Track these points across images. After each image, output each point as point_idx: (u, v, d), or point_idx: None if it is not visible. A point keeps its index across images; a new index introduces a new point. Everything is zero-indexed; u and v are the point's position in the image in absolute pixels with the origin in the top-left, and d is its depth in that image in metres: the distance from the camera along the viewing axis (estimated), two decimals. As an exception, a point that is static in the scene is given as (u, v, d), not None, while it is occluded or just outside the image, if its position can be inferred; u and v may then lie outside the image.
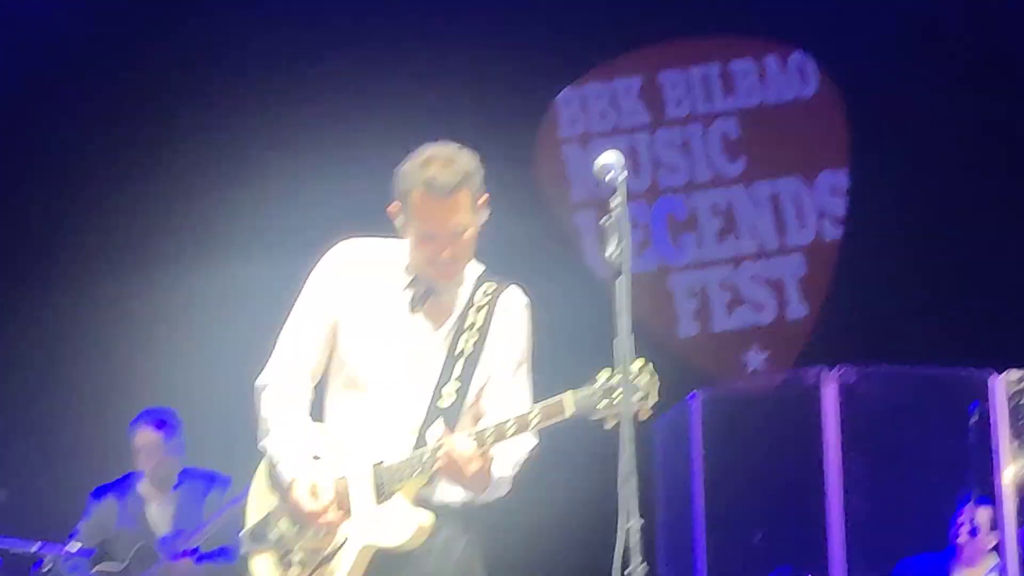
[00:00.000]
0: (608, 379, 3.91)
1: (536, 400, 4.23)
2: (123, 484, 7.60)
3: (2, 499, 8.40)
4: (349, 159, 8.41)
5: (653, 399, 3.88)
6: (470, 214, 4.20)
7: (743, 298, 9.47)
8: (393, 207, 4.25)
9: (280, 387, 4.33)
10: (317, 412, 4.40)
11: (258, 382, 4.38)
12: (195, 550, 7.26)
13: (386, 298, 4.31)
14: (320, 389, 4.42)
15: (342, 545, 4.21)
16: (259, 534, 4.36)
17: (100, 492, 7.59)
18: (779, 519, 7.64)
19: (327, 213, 7.13)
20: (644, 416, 3.87)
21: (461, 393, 4.23)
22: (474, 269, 4.38)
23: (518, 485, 4.32)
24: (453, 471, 4.08)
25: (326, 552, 4.22)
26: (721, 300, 9.49)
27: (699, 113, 9.54)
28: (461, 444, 4.05)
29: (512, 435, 4.05)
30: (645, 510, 3.77)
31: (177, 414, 7.62)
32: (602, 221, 3.97)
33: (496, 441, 4.06)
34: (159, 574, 7.24)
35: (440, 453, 4.09)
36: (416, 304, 4.29)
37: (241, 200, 8.79)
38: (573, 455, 7.94)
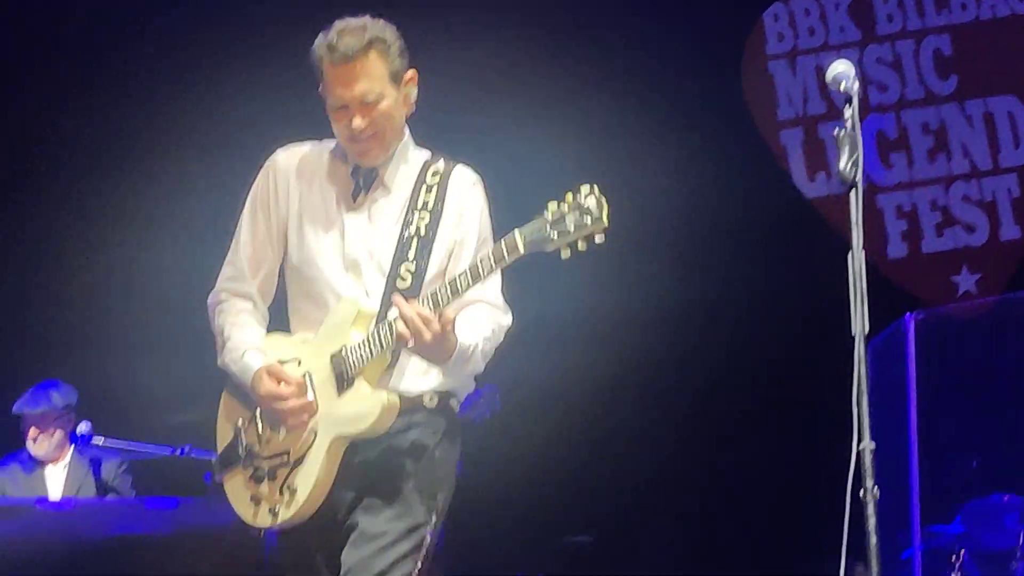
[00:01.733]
0: (558, 209, 3.80)
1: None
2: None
3: (196, 418, 8.56)
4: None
5: (605, 222, 3.75)
6: (382, 83, 4.10)
7: (954, 219, 9.24)
8: (320, 89, 4.19)
9: (232, 300, 4.30)
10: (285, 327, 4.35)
11: (209, 299, 4.35)
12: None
13: (328, 194, 4.23)
14: (283, 303, 4.35)
15: (311, 444, 4.11)
16: (227, 457, 4.30)
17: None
18: (995, 446, 7.48)
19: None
20: (600, 239, 3.77)
21: (418, 273, 4.10)
22: (419, 153, 4.28)
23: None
24: (414, 337, 3.93)
25: (297, 454, 4.13)
26: (931, 221, 9.27)
27: (911, 29, 9.28)
28: (415, 307, 3.93)
29: (467, 288, 3.93)
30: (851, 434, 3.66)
31: None
32: (835, 132, 3.87)
33: (452, 297, 3.94)
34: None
35: (397, 321, 3.98)
36: (359, 193, 4.21)
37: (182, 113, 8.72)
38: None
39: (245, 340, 4.23)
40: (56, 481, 7.85)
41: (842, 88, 3.90)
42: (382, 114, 4.11)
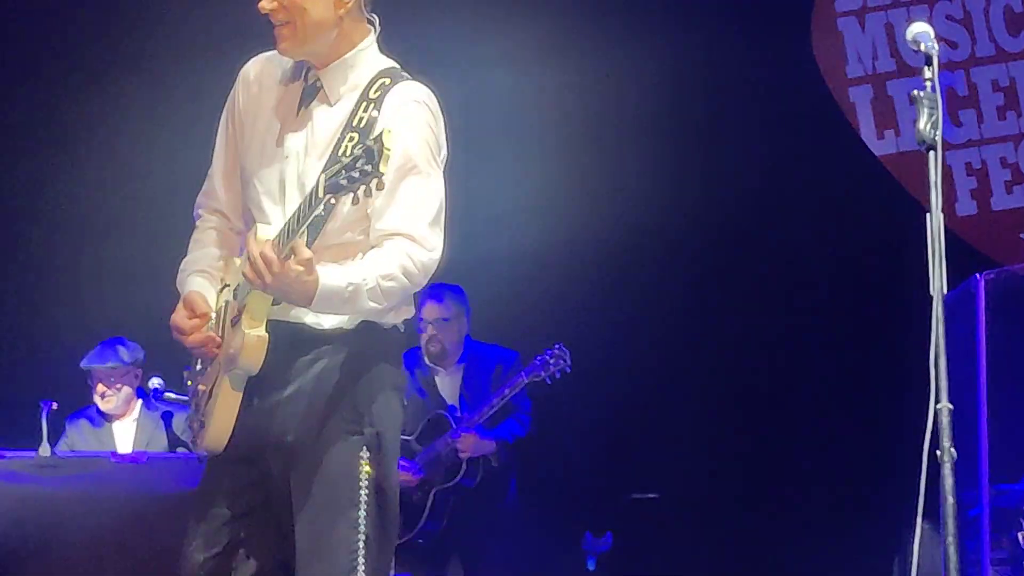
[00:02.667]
0: (350, 151, 3.67)
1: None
2: (408, 357, 7.70)
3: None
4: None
5: (382, 171, 3.55)
6: None
7: (1024, 177, 9.19)
8: None
9: (204, 216, 4.17)
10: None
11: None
12: (479, 424, 7.39)
13: (277, 105, 4.02)
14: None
15: (215, 379, 3.99)
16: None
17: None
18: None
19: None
20: (377, 185, 3.60)
21: (328, 203, 3.75)
22: (378, 65, 4.00)
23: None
24: (258, 279, 3.73)
25: (208, 387, 4.02)
26: (1000, 178, 9.20)
27: (982, -15, 9.21)
28: (262, 246, 3.74)
29: (302, 232, 3.72)
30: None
31: (461, 289, 7.69)
32: (913, 94, 3.84)
33: (289, 240, 3.72)
34: (446, 445, 7.38)
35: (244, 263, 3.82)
36: (301, 108, 3.97)
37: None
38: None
39: (193, 261, 4.11)
40: (125, 436, 7.92)
41: (922, 48, 3.89)
42: (293, 2, 3.87)
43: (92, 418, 7.93)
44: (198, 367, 4.11)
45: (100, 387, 7.85)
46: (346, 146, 3.78)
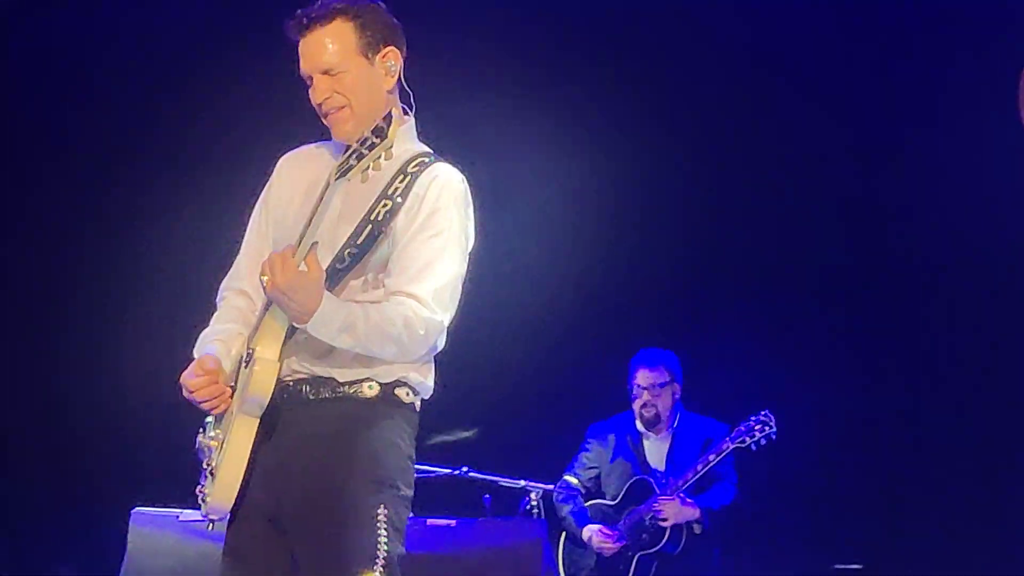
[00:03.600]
0: (384, 212, 3.85)
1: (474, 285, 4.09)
2: (619, 421, 7.80)
3: (473, 437, 8.69)
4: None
5: (391, 139, 3.71)
6: (346, 54, 3.97)
7: None
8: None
9: (227, 297, 4.19)
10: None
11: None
12: (685, 490, 7.39)
13: (314, 181, 4.01)
14: None
15: (230, 426, 3.92)
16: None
17: (596, 428, 7.83)
18: None
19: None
20: (387, 156, 3.73)
21: (355, 256, 3.87)
22: (416, 146, 4.10)
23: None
24: (269, 277, 3.74)
25: (222, 439, 3.94)
26: None
27: None
28: (274, 252, 3.81)
29: (308, 236, 3.76)
30: None
31: (674, 356, 7.75)
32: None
33: (305, 244, 3.76)
34: (649, 511, 7.40)
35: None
36: (342, 177, 3.88)
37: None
38: None
39: (212, 332, 4.12)
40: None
41: None
42: (347, 86, 3.99)
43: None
44: (211, 432, 4.02)
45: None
46: (379, 211, 3.91)
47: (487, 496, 7.26)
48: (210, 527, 4.02)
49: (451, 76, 8.01)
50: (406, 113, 4.13)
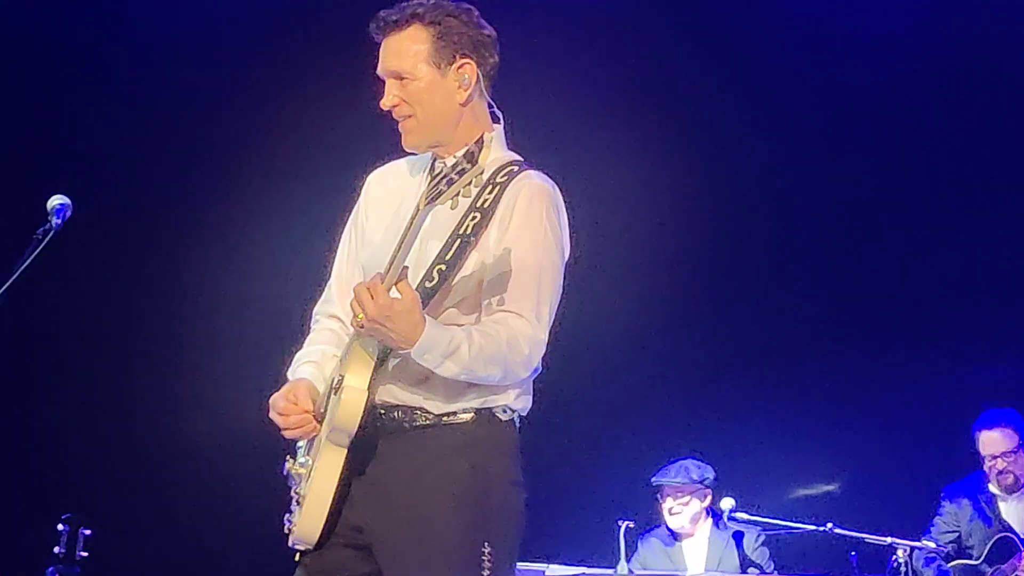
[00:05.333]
0: (448, 166, 3.62)
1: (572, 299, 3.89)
2: (972, 482, 7.65)
3: (837, 492, 8.59)
4: None
5: (481, 165, 3.58)
6: (416, 60, 3.85)
7: None
8: None
9: (320, 321, 4.10)
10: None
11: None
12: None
13: (403, 197, 3.94)
14: None
15: (319, 452, 3.79)
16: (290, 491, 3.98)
17: (951, 490, 7.72)
18: None
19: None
20: (477, 181, 3.61)
21: (444, 274, 3.69)
22: (504, 156, 3.92)
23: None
24: (362, 308, 3.57)
25: (311, 467, 3.80)
26: None
27: None
28: (360, 283, 3.62)
29: (400, 259, 3.58)
30: None
31: (1016, 413, 7.56)
32: None
33: (395, 269, 3.58)
34: (1013, 568, 7.25)
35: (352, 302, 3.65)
36: (432, 193, 3.69)
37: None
38: None
39: (306, 354, 4.03)
40: (695, 555, 8.04)
41: None
42: (413, 94, 3.87)
43: (663, 537, 8.09)
44: (300, 459, 3.92)
45: (668, 502, 8.01)
46: (467, 224, 3.74)
47: (853, 554, 7.18)
48: (297, 557, 3.88)
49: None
50: (496, 121, 4.00)
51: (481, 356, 3.67)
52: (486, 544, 3.67)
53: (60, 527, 6.46)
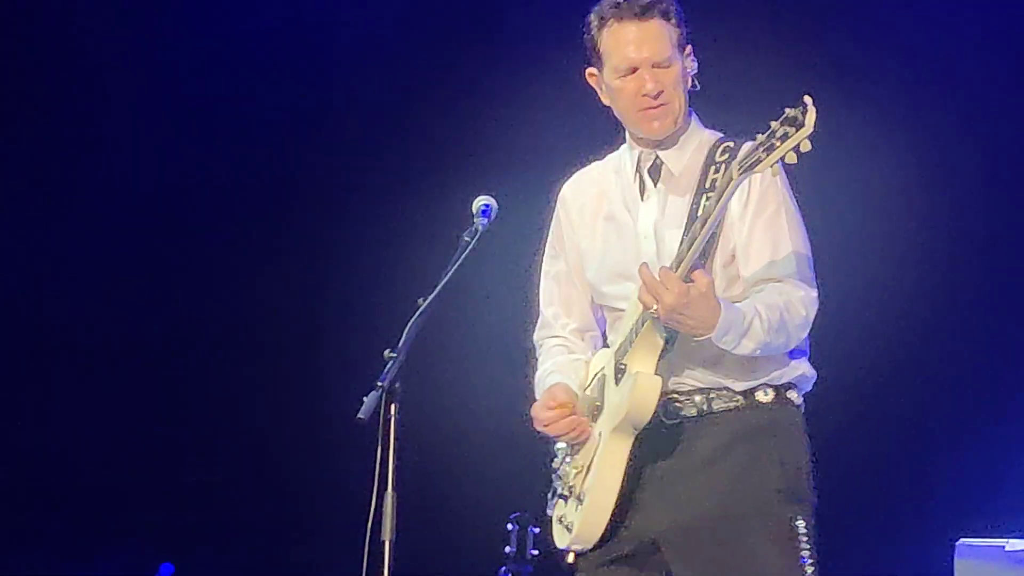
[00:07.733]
0: (766, 135, 3.50)
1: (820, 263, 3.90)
2: None
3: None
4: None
5: (810, 126, 3.42)
6: (670, 47, 3.87)
7: None
8: (589, 73, 3.99)
9: (544, 344, 4.15)
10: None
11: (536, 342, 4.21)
12: None
13: (616, 203, 4.00)
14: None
15: (596, 447, 3.85)
16: (552, 490, 4.06)
17: None
18: None
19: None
20: (806, 146, 3.44)
21: (701, 257, 3.71)
22: (707, 134, 3.98)
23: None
24: (656, 300, 3.60)
25: (586, 462, 3.87)
26: None
27: None
28: (646, 272, 3.65)
29: (698, 244, 3.64)
30: None
31: None
32: None
33: (690, 255, 3.64)
34: None
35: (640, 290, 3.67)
36: (645, 189, 3.92)
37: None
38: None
39: (546, 369, 4.08)
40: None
41: None
42: (671, 80, 3.87)
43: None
44: (566, 459, 3.98)
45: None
46: (704, 205, 3.73)
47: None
48: (570, 557, 3.94)
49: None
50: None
51: (771, 328, 3.70)
52: (800, 519, 3.76)
53: (509, 526, 6.61)
